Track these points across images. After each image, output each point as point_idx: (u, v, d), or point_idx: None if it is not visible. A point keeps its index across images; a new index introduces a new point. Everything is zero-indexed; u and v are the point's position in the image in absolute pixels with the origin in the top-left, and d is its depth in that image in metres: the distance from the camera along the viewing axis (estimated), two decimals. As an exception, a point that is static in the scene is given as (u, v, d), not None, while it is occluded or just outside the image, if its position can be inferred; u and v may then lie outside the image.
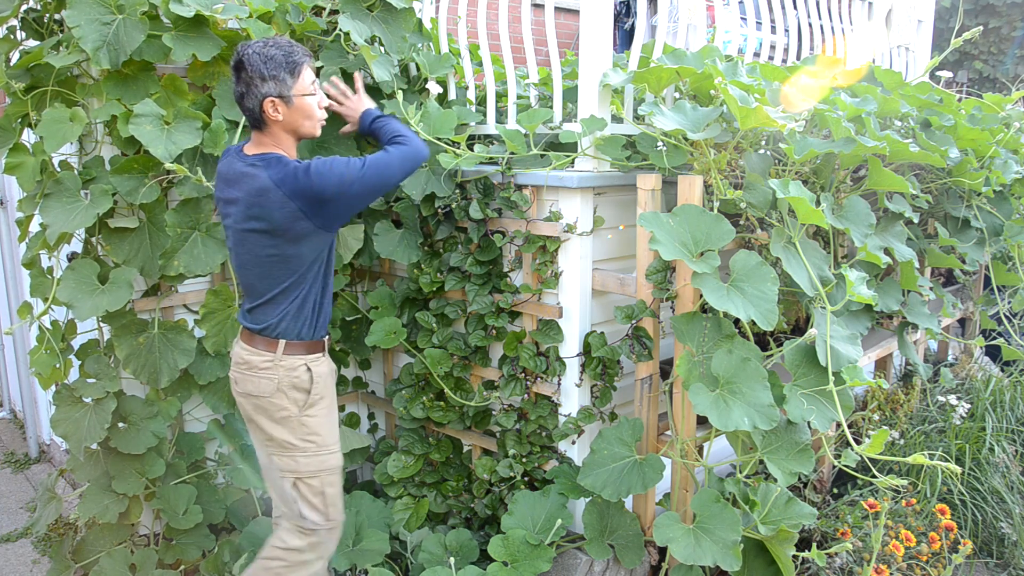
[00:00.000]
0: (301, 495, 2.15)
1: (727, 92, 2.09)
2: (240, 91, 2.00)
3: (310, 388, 2.13)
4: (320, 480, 2.16)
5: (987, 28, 9.70)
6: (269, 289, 2.08)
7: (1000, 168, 2.90)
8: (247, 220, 2.02)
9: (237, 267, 2.16)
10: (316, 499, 2.16)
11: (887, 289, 2.67)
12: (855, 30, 3.84)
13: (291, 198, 1.95)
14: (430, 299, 2.90)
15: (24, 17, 2.52)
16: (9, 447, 4.13)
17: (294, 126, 2.05)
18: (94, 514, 2.54)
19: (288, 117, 2.02)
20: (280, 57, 1.96)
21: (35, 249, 2.52)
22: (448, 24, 2.99)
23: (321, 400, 2.17)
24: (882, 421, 3.46)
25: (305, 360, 2.13)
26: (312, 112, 2.06)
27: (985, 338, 3.90)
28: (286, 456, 2.14)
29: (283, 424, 2.12)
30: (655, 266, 2.34)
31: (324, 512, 2.18)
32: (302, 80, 2.01)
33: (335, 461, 2.21)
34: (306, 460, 2.13)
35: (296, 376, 2.11)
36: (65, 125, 2.36)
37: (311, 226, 2.00)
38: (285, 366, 2.10)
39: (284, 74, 1.97)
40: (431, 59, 2.87)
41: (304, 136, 2.10)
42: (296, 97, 2.00)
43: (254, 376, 2.11)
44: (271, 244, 2.02)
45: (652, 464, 2.31)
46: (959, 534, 2.95)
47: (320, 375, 2.16)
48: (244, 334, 2.18)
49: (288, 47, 2.00)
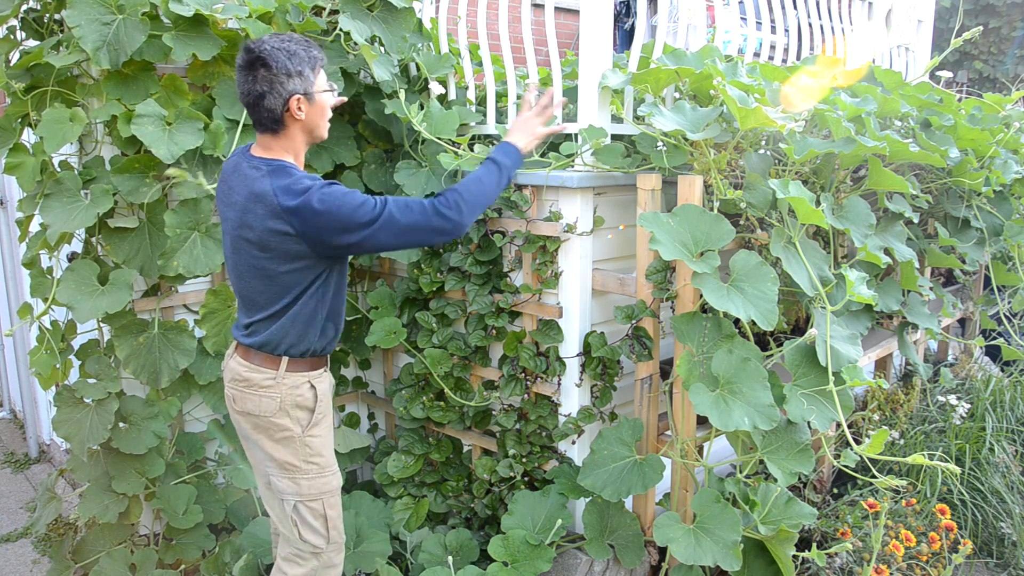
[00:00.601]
0: (302, 518, 2.04)
1: (726, 92, 2.09)
2: (259, 90, 1.83)
3: (314, 407, 2.00)
4: (322, 503, 2.05)
5: (987, 28, 9.70)
6: (267, 304, 1.93)
7: (1000, 168, 2.90)
8: (241, 227, 1.89)
9: (233, 276, 1.99)
10: (317, 522, 2.05)
11: (887, 289, 2.67)
12: (855, 30, 3.84)
13: (287, 213, 1.80)
14: (430, 299, 2.90)
15: (24, 17, 2.53)
16: (9, 447, 4.13)
17: (312, 125, 1.93)
18: (94, 514, 2.54)
19: (309, 115, 1.90)
20: (303, 53, 1.86)
21: (35, 249, 2.52)
22: (448, 24, 2.99)
23: (324, 419, 2.04)
24: (882, 421, 3.46)
25: (308, 377, 1.99)
26: (328, 110, 1.95)
27: (985, 338, 3.90)
28: (287, 478, 2.01)
29: (285, 444, 1.99)
30: (655, 266, 2.34)
31: (325, 535, 2.07)
32: (321, 76, 1.92)
33: (336, 482, 2.09)
34: (308, 483, 2.02)
35: (299, 395, 1.98)
36: (65, 125, 2.36)
37: (303, 248, 1.85)
38: (288, 384, 1.96)
39: (308, 70, 1.86)
40: (431, 59, 2.87)
41: (318, 137, 1.96)
42: (317, 94, 1.90)
43: (254, 395, 1.97)
44: (262, 257, 1.88)
45: (652, 464, 2.31)
46: (959, 534, 2.95)
47: (323, 392, 2.03)
48: (240, 349, 2.02)
49: (305, 42, 1.89)
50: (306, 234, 1.82)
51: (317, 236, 1.83)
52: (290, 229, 1.81)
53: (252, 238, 1.87)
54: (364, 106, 2.91)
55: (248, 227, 1.86)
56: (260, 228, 1.84)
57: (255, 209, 1.84)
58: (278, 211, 1.81)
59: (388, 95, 2.81)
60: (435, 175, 2.69)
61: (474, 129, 2.84)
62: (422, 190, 2.68)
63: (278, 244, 1.84)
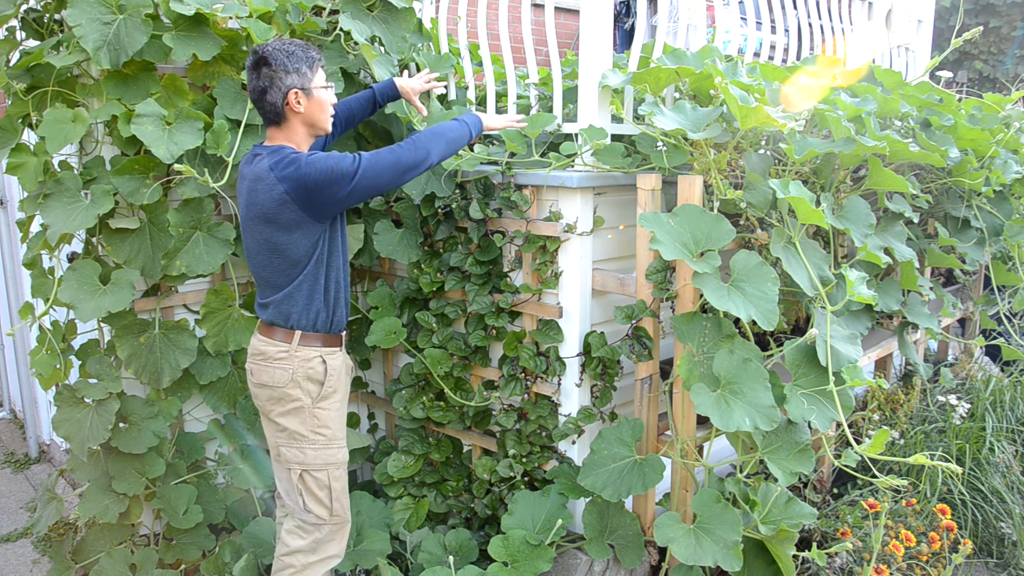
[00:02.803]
0: (307, 488, 2.18)
1: (727, 91, 2.09)
2: (262, 86, 2.06)
3: (324, 380, 2.17)
4: (327, 474, 2.19)
5: (987, 28, 9.70)
6: (275, 280, 2.14)
7: (1000, 168, 2.90)
8: (248, 207, 2.11)
9: (248, 258, 2.21)
10: (322, 492, 2.19)
11: (887, 289, 2.67)
12: (855, 30, 3.84)
13: (280, 181, 2.01)
14: (430, 299, 2.90)
15: (24, 17, 2.53)
16: (9, 447, 4.13)
17: (312, 119, 2.13)
18: (94, 514, 2.55)
19: (308, 109, 2.10)
20: (300, 53, 2.08)
21: (36, 249, 2.52)
22: (448, 24, 2.99)
23: (334, 394, 2.20)
24: (882, 421, 3.46)
25: (320, 352, 2.17)
26: (327, 106, 2.15)
27: (985, 338, 3.90)
28: (295, 447, 2.17)
29: (295, 415, 2.16)
30: (655, 266, 2.34)
31: (329, 506, 2.21)
32: (319, 75, 2.13)
33: (343, 456, 2.24)
34: (314, 452, 2.17)
35: (311, 367, 2.15)
36: (67, 125, 2.36)
37: (300, 214, 2.04)
38: (300, 357, 2.14)
39: (305, 68, 2.08)
40: (431, 59, 2.87)
41: (320, 129, 2.17)
42: (315, 90, 2.10)
43: (268, 366, 2.16)
44: (266, 232, 2.08)
45: (652, 464, 2.31)
46: (959, 534, 2.95)
47: (334, 368, 2.20)
48: (261, 326, 2.23)
49: (304, 45, 2.11)
50: (302, 198, 2.02)
51: (312, 197, 2.03)
52: (287, 196, 2.02)
53: (257, 213, 2.07)
54: (364, 106, 2.91)
55: (255, 204, 2.07)
56: (263, 201, 2.05)
57: (257, 187, 2.06)
58: (275, 182, 2.02)
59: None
60: (435, 175, 2.69)
61: (474, 129, 2.84)
62: (422, 190, 2.69)
63: (278, 213, 2.04)
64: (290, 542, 2.22)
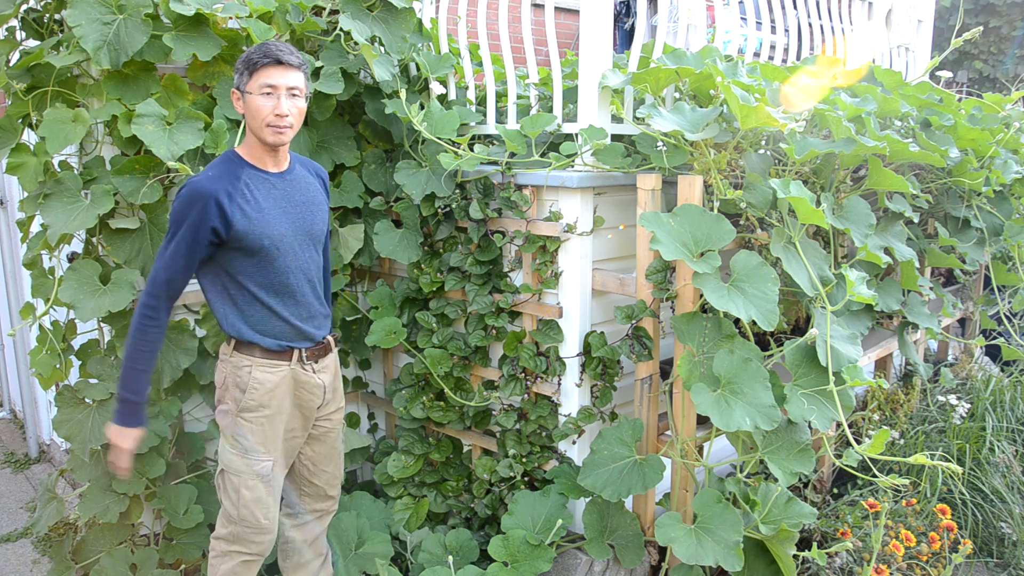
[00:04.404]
0: (222, 485, 2.20)
1: (729, 91, 2.09)
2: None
3: (245, 390, 2.13)
4: (238, 480, 2.16)
5: (987, 28, 9.70)
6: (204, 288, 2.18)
7: (1000, 168, 2.90)
8: None
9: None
10: (232, 495, 2.17)
11: (887, 289, 2.67)
12: (855, 30, 3.84)
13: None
14: (430, 299, 2.90)
15: (24, 17, 2.53)
16: (9, 447, 4.13)
17: (249, 121, 2.07)
18: (94, 514, 2.54)
19: (245, 112, 2.06)
20: (250, 55, 2.03)
21: (36, 249, 2.52)
22: (448, 24, 2.99)
23: (261, 409, 2.13)
24: (882, 421, 3.46)
25: (253, 362, 2.13)
26: (257, 114, 2.02)
27: (985, 338, 3.90)
28: (222, 445, 2.20)
29: (224, 416, 2.18)
30: (655, 266, 2.34)
31: (235, 511, 2.18)
32: (255, 80, 2.02)
33: (261, 469, 2.17)
34: (231, 457, 2.16)
35: (239, 376, 2.14)
36: (68, 126, 2.36)
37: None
38: (232, 363, 2.15)
39: (243, 69, 2.03)
40: (431, 59, 2.87)
41: (258, 136, 2.06)
42: (248, 94, 2.03)
43: (218, 364, 2.21)
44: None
45: (652, 464, 2.31)
46: (959, 534, 2.95)
47: (262, 382, 2.12)
48: None
49: (263, 48, 2.03)
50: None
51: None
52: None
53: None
54: (364, 106, 2.91)
55: None
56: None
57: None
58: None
59: (388, 95, 2.81)
60: (435, 175, 2.69)
61: (474, 129, 2.84)
62: (422, 190, 2.69)
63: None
64: (218, 527, 2.24)
